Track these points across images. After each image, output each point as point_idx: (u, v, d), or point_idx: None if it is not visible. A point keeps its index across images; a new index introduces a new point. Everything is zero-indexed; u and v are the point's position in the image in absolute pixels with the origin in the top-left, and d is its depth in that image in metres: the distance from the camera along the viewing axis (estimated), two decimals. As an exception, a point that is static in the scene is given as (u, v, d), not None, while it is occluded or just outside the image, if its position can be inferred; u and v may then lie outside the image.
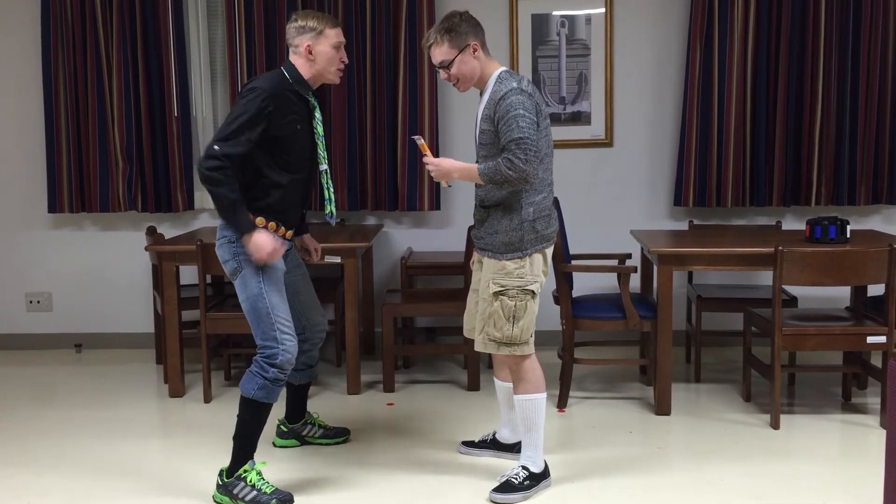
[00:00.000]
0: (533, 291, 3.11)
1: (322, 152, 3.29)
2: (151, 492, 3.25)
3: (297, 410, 3.65)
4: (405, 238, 5.28)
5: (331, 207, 3.39)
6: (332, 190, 3.38)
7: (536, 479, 3.15)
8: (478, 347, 3.20)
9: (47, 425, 4.01)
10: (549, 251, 3.16)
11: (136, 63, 5.07)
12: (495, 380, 3.44)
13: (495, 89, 3.02)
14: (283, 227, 3.20)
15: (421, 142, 3.09)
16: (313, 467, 3.45)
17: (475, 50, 3.07)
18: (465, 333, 3.41)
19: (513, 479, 3.12)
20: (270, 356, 3.06)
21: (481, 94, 3.13)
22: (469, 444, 3.56)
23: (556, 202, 4.13)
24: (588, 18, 5.09)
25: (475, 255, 3.31)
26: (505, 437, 3.49)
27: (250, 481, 3.07)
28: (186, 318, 4.45)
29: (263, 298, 3.08)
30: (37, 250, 5.40)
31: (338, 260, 4.18)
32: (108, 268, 5.38)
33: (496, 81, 3.05)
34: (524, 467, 3.16)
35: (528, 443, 3.18)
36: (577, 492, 3.18)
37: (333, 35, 3.19)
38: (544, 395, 3.18)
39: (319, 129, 3.26)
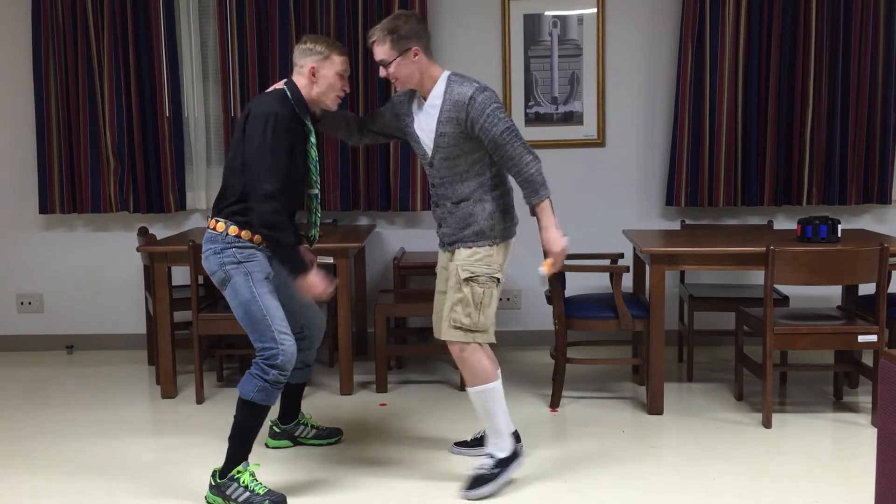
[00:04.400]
0: (498, 279, 3.16)
1: (315, 177, 3.27)
2: (144, 493, 3.24)
3: (290, 411, 3.64)
4: (398, 238, 5.28)
5: (314, 232, 3.39)
6: (318, 215, 3.37)
7: (505, 464, 3.19)
8: (443, 335, 3.18)
9: (39, 426, 4.00)
10: (511, 244, 3.24)
11: (128, 63, 5.06)
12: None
13: (458, 91, 3.03)
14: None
15: (544, 274, 3.11)
16: (306, 468, 3.44)
17: (416, 54, 3.06)
18: (436, 335, 3.40)
19: (481, 471, 3.15)
20: (270, 357, 3.07)
21: (423, 97, 3.13)
22: (462, 444, 3.56)
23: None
24: (580, 19, 5.10)
25: (441, 258, 3.32)
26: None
27: (243, 482, 3.07)
28: (178, 319, 4.43)
29: (256, 302, 3.09)
30: (28, 251, 5.38)
31: (330, 260, 4.18)
32: (99, 269, 5.36)
33: (449, 84, 3.07)
34: (490, 455, 3.20)
35: (491, 431, 3.21)
36: (569, 491, 3.18)
37: (339, 62, 3.19)
38: (497, 382, 3.18)
39: (313, 153, 3.23)
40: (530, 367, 4.84)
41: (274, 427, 3.65)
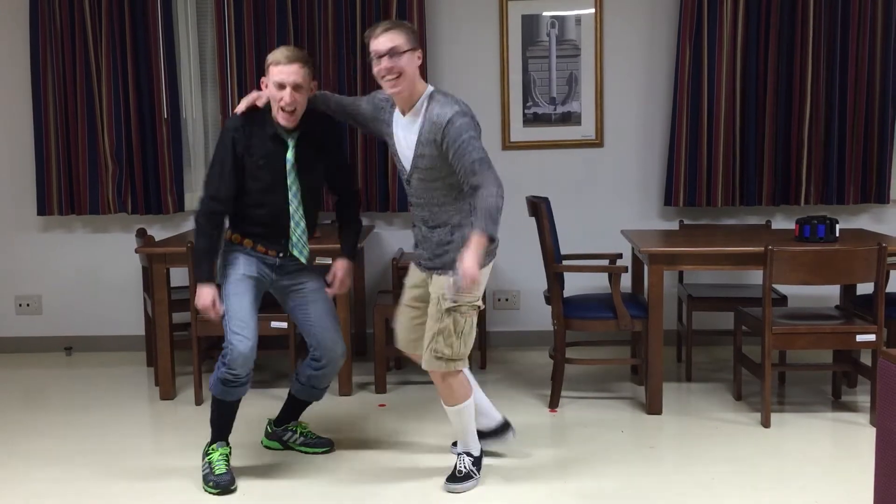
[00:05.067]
0: (479, 306, 3.12)
1: (291, 190, 3.24)
2: (143, 494, 3.24)
3: (286, 417, 3.63)
4: (396, 239, 5.28)
5: (294, 251, 3.32)
6: (299, 230, 3.29)
7: (479, 462, 3.29)
8: (425, 366, 3.15)
9: (38, 428, 3.99)
10: (492, 266, 3.16)
11: (126, 65, 5.06)
12: (443, 404, 3.29)
13: (437, 112, 2.92)
14: (260, 246, 3.30)
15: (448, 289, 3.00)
16: (305, 468, 3.44)
17: (419, 58, 3.02)
18: (401, 347, 3.40)
19: (462, 469, 3.22)
20: (223, 355, 3.18)
21: (402, 110, 3.05)
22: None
23: (546, 202, 4.16)
24: (578, 19, 5.10)
25: (413, 274, 3.27)
26: (483, 424, 3.45)
27: (209, 459, 3.27)
28: (177, 321, 4.43)
29: (225, 301, 3.23)
30: (26, 253, 5.37)
31: (329, 261, 4.17)
32: (98, 270, 5.36)
33: (430, 101, 2.98)
34: (468, 454, 3.27)
35: (465, 442, 3.29)
36: (568, 492, 3.18)
37: (275, 73, 3.11)
38: (472, 397, 3.24)
39: (288, 166, 3.22)
40: (529, 367, 4.84)
41: (268, 427, 3.66)
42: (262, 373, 4.78)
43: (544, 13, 5.11)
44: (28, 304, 5.41)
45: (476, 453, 3.30)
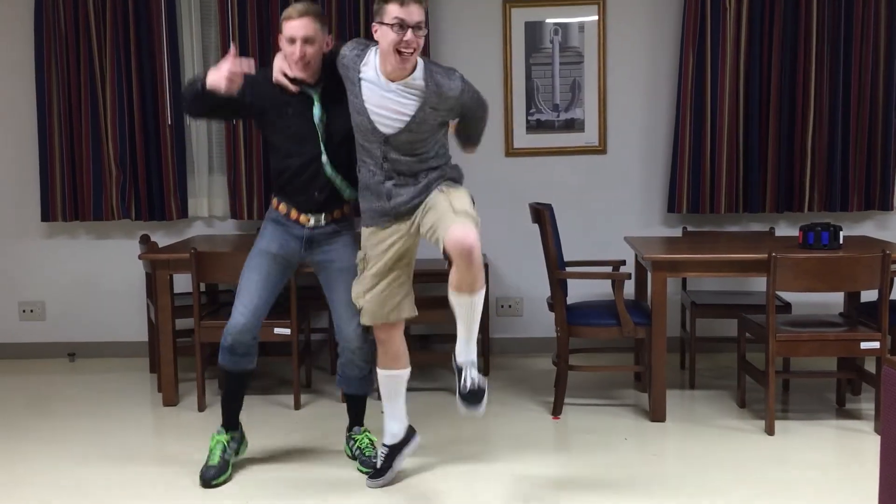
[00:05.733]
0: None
1: (323, 142, 3.23)
2: (146, 500, 3.23)
3: (350, 419, 3.60)
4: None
5: (347, 193, 3.33)
6: (339, 178, 3.28)
7: (398, 448, 3.33)
8: (462, 222, 2.87)
9: (41, 434, 3.99)
10: None
11: (130, 71, 5.07)
12: (459, 295, 2.94)
13: (446, 85, 3.03)
14: (294, 210, 3.33)
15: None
16: (306, 472, 3.44)
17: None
18: (374, 320, 3.21)
19: (478, 382, 2.98)
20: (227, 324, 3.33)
21: (391, 79, 3.00)
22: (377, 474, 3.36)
23: (549, 209, 4.16)
24: (581, 26, 5.11)
25: (382, 235, 3.16)
26: (396, 431, 3.37)
27: (210, 444, 3.40)
28: (180, 327, 4.43)
29: (242, 272, 3.36)
30: (30, 259, 5.38)
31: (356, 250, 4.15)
32: (101, 276, 5.36)
33: (430, 72, 3.03)
34: (384, 444, 3.34)
35: (472, 341, 3.03)
36: (571, 499, 3.17)
37: (286, 29, 3.16)
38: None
39: (316, 121, 3.23)
40: (532, 374, 4.83)
41: (346, 431, 3.64)
42: (264, 379, 4.77)
43: (548, 20, 5.12)
44: (31, 310, 5.42)
45: (389, 441, 3.35)
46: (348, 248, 3.35)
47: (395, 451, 3.34)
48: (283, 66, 3.23)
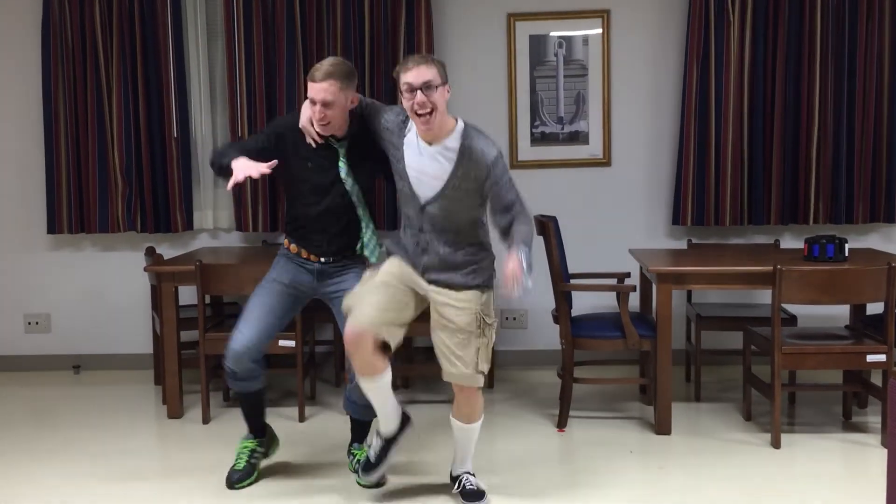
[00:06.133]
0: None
1: (352, 194, 3.30)
2: (150, 514, 3.24)
3: (352, 437, 3.60)
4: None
5: (365, 251, 3.39)
6: (369, 231, 3.37)
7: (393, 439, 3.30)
8: (467, 382, 3.14)
9: (46, 446, 3.99)
10: None
11: (136, 84, 5.10)
12: (460, 423, 3.27)
13: (481, 150, 3.02)
14: (304, 251, 3.37)
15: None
16: (308, 481, 3.43)
17: (448, 92, 3.07)
18: (368, 324, 3.05)
19: (477, 486, 3.27)
20: None
21: (429, 140, 3.06)
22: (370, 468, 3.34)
23: (553, 221, 4.16)
24: (585, 39, 5.12)
25: (398, 267, 3.19)
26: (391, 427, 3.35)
27: (237, 450, 3.46)
28: (185, 339, 4.44)
29: (250, 298, 3.39)
30: (36, 271, 5.39)
31: None
32: (106, 289, 5.37)
33: (468, 136, 3.05)
34: (470, 473, 3.33)
35: (467, 460, 3.34)
36: (577, 512, 3.17)
37: (309, 90, 3.19)
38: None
39: (342, 174, 3.29)
40: (537, 386, 4.82)
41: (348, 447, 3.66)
42: (269, 391, 4.74)
43: (552, 33, 5.13)
44: (37, 323, 5.43)
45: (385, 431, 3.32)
46: (359, 278, 3.34)
47: (390, 442, 3.28)
48: (310, 117, 3.25)
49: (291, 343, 4.16)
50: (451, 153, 3.04)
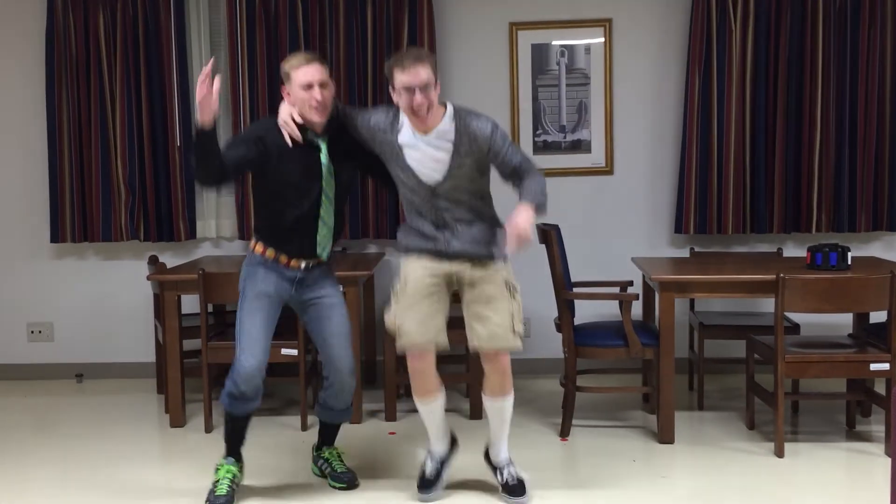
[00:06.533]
0: None
1: (325, 192, 3.25)
2: (152, 523, 3.23)
3: (319, 441, 3.63)
4: (407, 266, 5.27)
5: (318, 248, 3.31)
6: (325, 228, 3.29)
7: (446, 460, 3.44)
8: (510, 343, 3.18)
9: (49, 455, 3.99)
10: None
11: (139, 93, 5.11)
12: (493, 400, 3.32)
13: (476, 126, 3.10)
14: (283, 256, 3.29)
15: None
16: (310, 490, 3.42)
17: (439, 86, 3.12)
18: (423, 341, 3.22)
19: (520, 476, 3.36)
20: (232, 369, 3.26)
21: (423, 131, 3.10)
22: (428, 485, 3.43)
23: (556, 230, 4.16)
24: (587, 48, 5.14)
25: (428, 268, 3.23)
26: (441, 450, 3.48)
27: (216, 476, 3.34)
28: (188, 348, 4.43)
29: (238, 318, 3.29)
30: (39, 280, 5.40)
31: (340, 288, 4.17)
32: (109, 297, 5.38)
33: (459, 117, 3.11)
34: (432, 460, 3.42)
35: (503, 441, 3.38)
36: (580, 522, 3.16)
37: (300, 76, 3.15)
38: None
39: (323, 170, 3.24)
40: (540, 395, 4.81)
41: (313, 451, 3.67)
42: (271, 400, 4.77)
43: (554, 42, 5.15)
44: (40, 331, 5.43)
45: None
46: (335, 284, 3.44)
47: (443, 463, 3.43)
48: (292, 112, 3.22)
49: (294, 352, 4.16)
50: (447, 136, 3.11)
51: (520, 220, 3.00)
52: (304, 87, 3.16)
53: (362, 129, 3.24)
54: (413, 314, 3.21)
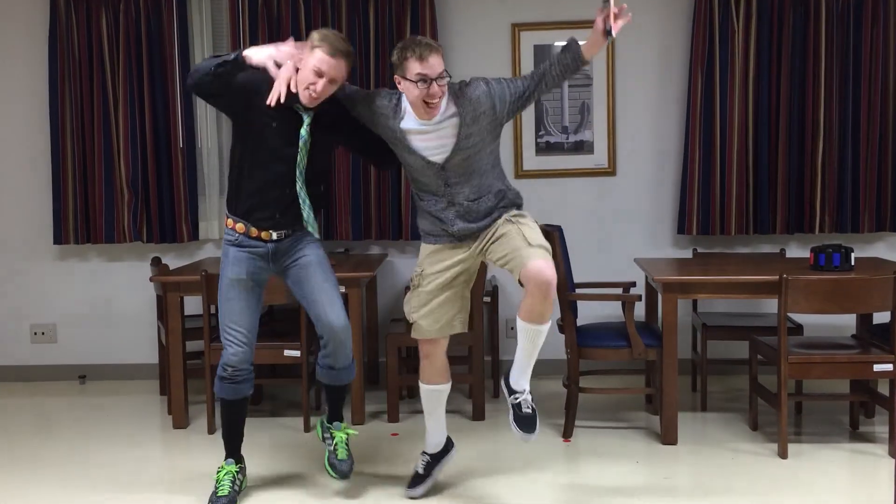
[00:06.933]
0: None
1: (299, 166, 3.17)
2: (155, 524, 3.23)
3: (329, 411, 3.53)
4: (409, 267, 5.25)
5: (308, 227, 3.26)
6: (306, 206, 3.23)
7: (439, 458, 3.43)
8: (537, 257, 2.94)
9: (51, 456, 3.99)
10: None
11: (142, 94, 5.12)
12: (528, 324, 3.10)
13: (471, 93, 3.07)
14: (253, 228, 3.23)
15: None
16: (312, 491, 3.42)
17: None
18: (434, 334, 3.26)
19: (532, 408, 3.21)
20: (222, 354, 3.28)
21: (425, 118, 3.07)
22: (417, 481, 3.43)
23: (558, 231, 4.16)
24: (590, 49, 5.12)
25: (444, 256, 3.23)
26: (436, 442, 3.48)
27: (216, 477, 3.33)
28: (190, 349, 4.43)
29: (220, 305, 3.29)
30: (42, 282, 5.40)
31: (342, 290, 4.17)
32: (112, 299, 5.38)
33: (455, 94, 3.10)
34: (426, 454, 3.43)
35: (527, 371, 3.20)
36: (583, 523, 3.15)
37: (319, 60, 3.04)
38: None
39: (301, 141, 3.16)
40: (542, 396, 4.79)
41: (319, 422, 3.58)
42: (273, 402, 4.77)
43: (556, 43, 5.14)
44: (43, 333, 5.44)
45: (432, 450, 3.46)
46: (312, 244, 3.32)
47: (436, 459, 3.43)
48: (291, 77, 3.09)
49: (296, 353, 4.16)
50: (450, 112, 3.08)
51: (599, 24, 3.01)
52: (315, 72, 3.06)
53: (364, 112, 3.21)
54: (427, 310, 3.25)
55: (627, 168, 5.19)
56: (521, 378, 3.19)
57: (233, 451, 3.40)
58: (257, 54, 3.08)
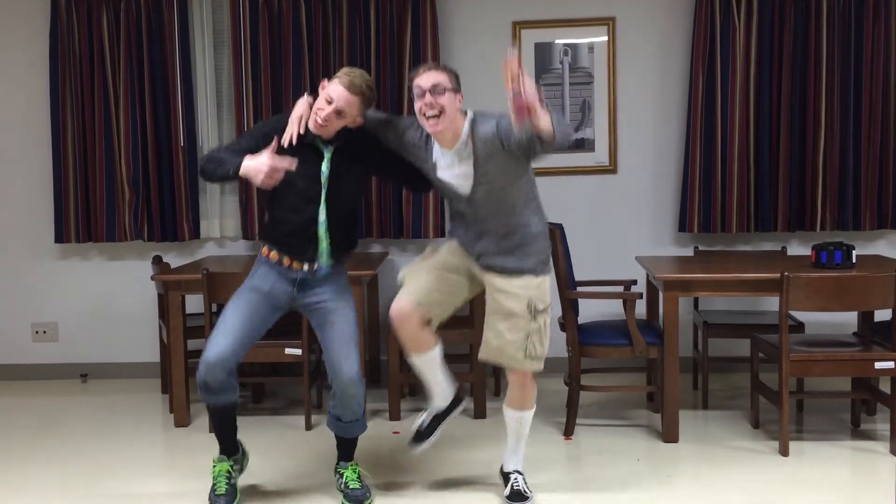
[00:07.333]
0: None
1: (321, 203, 3.20)
2: (156, 523, 3.23)
3: (339, 454, 3.50)
4: (410, 266, 5.28)
5: (319, 261, 3.27)
6: (323, 243, 3.25)
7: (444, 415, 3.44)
8: (521, 365, 3.20)
9: (53, 455, 4.00)
10: None
11: (143, 94, 5.12)
12: (513, 411, 3.34)
13: (484, 130, 3.07)
14: (286, 258, 3.25)
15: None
16: (314, 490, 3.42)
17: (460, 101, 3.12)
18: (414, 301, 3.20)
19: (525, 490, 3.30)
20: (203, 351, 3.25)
21: (445, 146, 3.12)
22: (419, 438, 3.47)
23: (559, 229, 4.16)
24: (591, 47, 5.13)
25: (456, 254, 3.27)
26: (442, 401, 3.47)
27: (213, 475, 3.34)
28: (192, 348, 4.43)
29: (227, 305, 3.30)
30: (43, 280, 5.41)
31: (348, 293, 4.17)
32: (114, 297, 5.38)
33: (473, 123, 3.11)
34: (520, 472, 3.39)
35: (519, 455, 3.38)
36: (584, 521, 3.16)
37: (332, 88, 3.12)
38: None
39: (322, 178, 3.20)
40: (544, 394, 4.78)
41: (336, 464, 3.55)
42: (275, 400, 4.77)
43: (557, 41, 5.14)
44: (44, 332, 5.44)
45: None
46: (341, 289, 3.34)
47: (440, 417, 3.43)
48: (305, 114, 3.19)
49: (298, 351, 4.16)
50: (468, 148, 3.10)
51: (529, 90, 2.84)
52: (326, 99, 3.12)
53: (393, 141, 3.26)
54: (420, 278, 3.25)
55: (628, 166, 5.19)
56: (512, 460, 3.40)
57: (225, 448, 3.39)
58: (250, 171, 3.05)
